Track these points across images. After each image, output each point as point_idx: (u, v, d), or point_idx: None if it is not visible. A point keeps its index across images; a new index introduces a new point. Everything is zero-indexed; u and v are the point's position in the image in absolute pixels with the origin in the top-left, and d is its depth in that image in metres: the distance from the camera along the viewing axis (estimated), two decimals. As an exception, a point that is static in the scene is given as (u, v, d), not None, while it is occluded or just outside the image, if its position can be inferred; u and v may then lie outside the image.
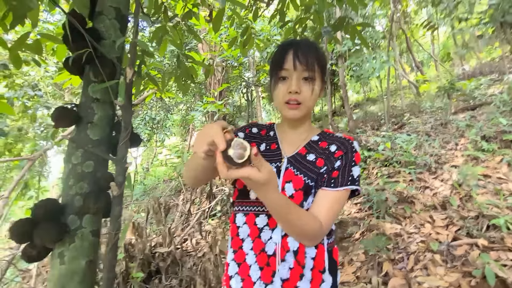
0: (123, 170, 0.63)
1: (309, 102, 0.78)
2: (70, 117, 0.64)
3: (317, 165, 0.79)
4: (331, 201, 0.74)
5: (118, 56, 0.72)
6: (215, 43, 5.41)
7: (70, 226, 0.61)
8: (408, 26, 10.76)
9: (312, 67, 0.76)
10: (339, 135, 0.85)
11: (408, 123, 6.33)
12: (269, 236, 0.77)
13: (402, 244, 2.37)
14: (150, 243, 2.42)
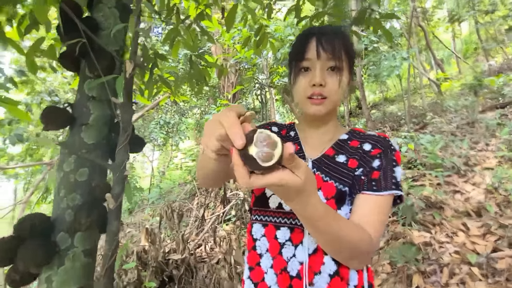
0: (121, 178, 0.53)
1: (336, 96, 0.66)
2: (62, 118, 0.56)
3: (349, 167, 0.67)
4: (376, 207, 0.61)
5: (118, 49, 0.64)
6: (228, 45, 5.37)
7: (59, 245, 0.52)
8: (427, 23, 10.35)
9: (339, 54, 0.64)
10: (372, 133, 0.73)
11: (431, 123, 6.03)
12: (292, 254, 0.65)
13: (433, 254, 2.16)
14: (163, 249, 2.36)
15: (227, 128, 0.39)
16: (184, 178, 7.78)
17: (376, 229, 0.58)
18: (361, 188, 0.63)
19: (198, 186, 5.37)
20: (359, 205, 0.62)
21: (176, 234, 2.38)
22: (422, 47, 11.98)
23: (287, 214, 0.68)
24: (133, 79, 0.56)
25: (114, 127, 0.62)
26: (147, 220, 5.35)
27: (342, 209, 0.64)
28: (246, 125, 0.40)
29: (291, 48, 0.71)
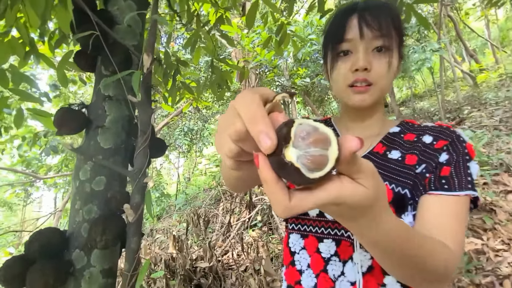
0: (141, 187, 0.47)
1: (384, 82, 0.55)
2: (77, 121, 0.51)
3: (407, 164, 0.54)
4: (452, 212, 0.47)
5: (135, 44, 0.58)
6: (248, 50, 5.37)
7: (75, 264, 0.47)
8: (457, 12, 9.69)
9: (387, 31, 0.53)
10: (429, 124, 0.59)
11: (468, 118, 5.58)
12: (340, 271, 0.53)
13: (488, 264, 1.91)
14: (190, 256, 2.32)
15: (247, 121, 0.24)
16: (209, 184, 7.85)
17: (457, 241, 0.45)
18: (428, 188, 0.50)
19: (222, 191, 5.36)
20: (428, 209, 0.48)
21: (203, 241, 2.34)
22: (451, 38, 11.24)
23: (330, 223, 0.57)
24: (151, 74, 0.49)
25: (132, 129, 0.56)
26: (174, 226, 5.43)
27: (404, 217, 0.52)
28: (277, 115, 0.26)
29: (327, 28, 0.60)
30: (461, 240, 0.46)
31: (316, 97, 8.11)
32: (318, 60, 5.82)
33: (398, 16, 0.57)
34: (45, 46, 1.86)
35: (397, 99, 12.10)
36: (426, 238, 0.42)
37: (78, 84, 3.29)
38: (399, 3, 1.66)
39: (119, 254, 0.53)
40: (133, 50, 0.52)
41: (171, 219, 6.41)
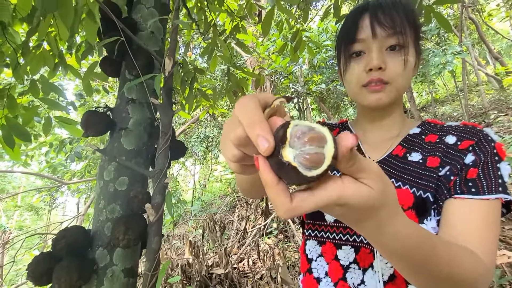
0: (162, 187, 0.48)
1: (400, 81, 0.52)
2: (103, 123, 0.53)
3: (429, 166, 0.51)
4: (481, 218, 0.43)
5: (157, 49, 0.60)
6: (263, 58, 5.43)
7: (98, 262, 0.48)
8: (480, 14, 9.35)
9: (401, 28, 0.51)
10: (453, 123, 0.55)
11: (495, 122, 5.30)
12: (360, 280, 0.50)
13: (523, 279, 1.76)
14: (206, 262, 2.32)
15: (246, 126, 0.25)
16: (224, 191, 7.88)
17: (487, 250, 0.41)
18: (453, 192, 0.46)
19: (238, 198, 5.35)
20: (453, 214, 0.45)
21: (218, 247, 2.33)
22: (474, 41, 10.83)
23: (349, 229, 0.54)
24: (172, 78, 0.51)
25: (154, 131, 0.58)
26: (190, 232, 5.47)
27: (426, 222, 0.48)
28: (276, 119, 0.26)
29: (340, 29, 0.58)
30: (492, 249, 0.42)
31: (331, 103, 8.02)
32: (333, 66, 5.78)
33: (412, 11, 0.54)
34: (72, 58, 1.97)
35: (417, 104, 11.72)
36: (451, 245, 0.38)
37: (102, 93, 3.45)
38: (418, 5, 1.63)
39: (140, 254, 0.54)
40: (155, 55, 0.54)
41: (187, 225, 6.47)
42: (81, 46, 1.95)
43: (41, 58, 1.46)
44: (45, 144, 3.25)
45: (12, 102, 1.48)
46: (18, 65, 1.47)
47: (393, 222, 0.30)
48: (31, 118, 1.84)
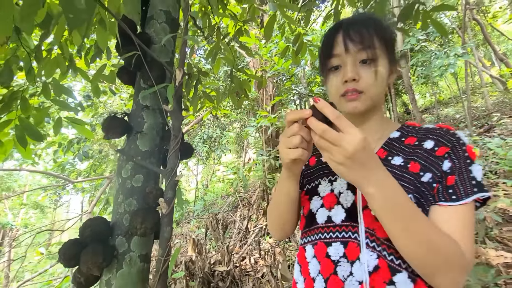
0: (173, 184, 0.54)
1: (373, 90, 0.58)
2: (121, 127, 0.60)
3: (411, 171, 0.56)
4: (460, 220, 0.50)
5: (168, 60, 0.67)
6: (266, 60, 5.48)
7: (118, 249, 0.54)
8: (484, 15, 9.30)
9: (370, 43, 0.56)
10: (430, 126, 0.61)
11: (498, 125, 5.29)
12: (349, 272, 0.55)
13: (519, 279, 1.80)
14: (209, 260, 2.38)
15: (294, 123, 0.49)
16: (226, 191, 7.94)
17: (467, 245, 0.48)
18: (437, 199, 0.53)
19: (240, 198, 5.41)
20: (438, 219, 0.52)
21: (221, 246, 2.39)
22: (479, 42, 10.76)
23: (338, 227, 0.59)
24: (182, 86, 0.57)
25: (165, 135, 0.65)
26: (193, 231, 5.54)
27: None
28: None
29: (320, 47, 0.65)
30: (471, 244, 0.49)
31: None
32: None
33: (382, 27, 0.60)
34: (81, 61, 2.05)
35: (420, 105, 11.70)
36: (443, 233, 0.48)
37: (109, 95, 3.53)
38: (416, 11, 1.67)
39: (153, 244, 0.61)
40: (166, 66, 0.61)
41: (189, 225, 6.54)
42: (90, 50, 2.01)
43: (55, 62, 1.53)
44: (53, 143, 3.34)
45: (25, 103, 1.55)
46: (31, 68, 1.55)
47: (381, 167, 0.45)
48: (43, 118, 1.91)
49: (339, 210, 0.61)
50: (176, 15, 0.70)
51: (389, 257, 0.53)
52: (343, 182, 0.63)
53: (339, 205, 0.61)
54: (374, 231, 0.55)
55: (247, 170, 5.60)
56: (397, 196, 0.46)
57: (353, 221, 0.58)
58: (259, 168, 5.94)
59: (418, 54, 5.89)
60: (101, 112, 3.79)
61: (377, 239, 0.54)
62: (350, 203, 0.60)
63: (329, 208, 0.63)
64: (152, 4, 0.70)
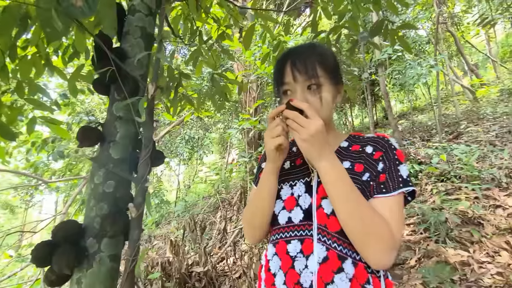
0: (143, 190, 0.59)
1: (321, 113, 0.67)
2: (94, 136, 0.64)
3: (356, 171, 0.67)
4: (391, 209, 0.62)
5: (142, 73, 0.72)
6: (249, 62, 5.55)
7: (89, 249, 0.58)
8: (457, 28, 9.89)
9: (313, 72, 0.66)
10: (371, 135, 0.74)
11: (465, 132, 5.66)
12: (304, 265, 0.64)
13: (471, 275, 1.98)
14: (186, 261, 2.41)
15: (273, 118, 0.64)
16: (208, 192, 7.92)
17: (396, 226, 0.59)
18: (373, 193, 0.64)
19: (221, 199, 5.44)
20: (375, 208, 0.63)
21: (199, 247, 2.43)
22: (453, 53, 11.42)
23: (296, 226, 0.68)
24: (154, 100, 0.62)
25: (138, 143, 0.69)
26: (173, 232, 5.50)
27: None
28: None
29: (273, 73, 0.74)
30: (399, 226, 0.61)
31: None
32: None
33: (326, 54, 0.71)
34: (58, 59, 2.00)
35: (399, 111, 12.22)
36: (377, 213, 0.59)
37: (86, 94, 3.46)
38: (384, 29, 1.80)
39: (123, 245, 0.65)
40: (140, 79, 0.65)
41: (170, 226, 6.47)
42: (68, 50, 1.98)
43: (31, 62, 1.51)
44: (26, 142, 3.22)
45: (-3, 101, 1.51)
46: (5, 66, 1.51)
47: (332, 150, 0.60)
48: (16, 117, 1.86)
49: (298, 211, 0.70)
50: (151, 30, 0.75)
51: (338, 247, 0.62)
52: (301, 187, 0.72)
53: (298, 207, 0.70)
54: (326, 226, 0.64)
55: (229, 171, 5.64)
56: (342, 173, 0.59)
57: (309, 220, 0.67)
58: (242, 170, 5.99)
59: (396, 62, 6.19)
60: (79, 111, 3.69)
61: (327, 234, 0.64)
62: (307, 205, 0.69)
63: (289, 210, 0.71)
64: (128, 20, 0.74)
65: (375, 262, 0.59)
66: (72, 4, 0.56)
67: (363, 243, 0.58)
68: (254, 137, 6.35)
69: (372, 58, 5.94)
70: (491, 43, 12.18)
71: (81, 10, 0.59)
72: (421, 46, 7.47)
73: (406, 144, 5.55)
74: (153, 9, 0.75)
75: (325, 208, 0.65)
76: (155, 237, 5.92)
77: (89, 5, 0.60)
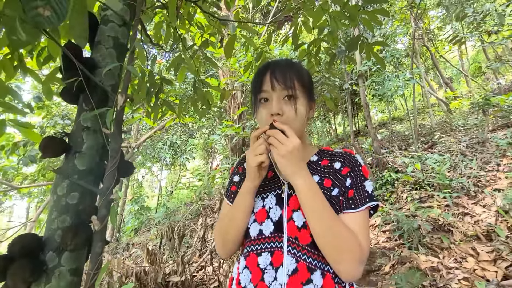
0: (107, 202, 0.58)
1: (295, 123, 0.70)
2: (59, 147, 0.63)
3: (325, 186, 0.70)
4: (359, 224, 0.66)
5: (113, 83, 0.71)
6: (234, 69, 5.59)
7: (48, 264, 0.57)
8: (433, 43, 10.47)
9: (291, 84, 0.70)
10: (339, 151, 0.78)
11: (439, 142, 5.94)
12: (273, 277, 0.65)
13: (440, 281, 2.07)
14: (163, 270, 2.35)
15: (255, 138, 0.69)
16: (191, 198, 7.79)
17: (364, 240, 0.63)
18: (343, 209, 0.67)
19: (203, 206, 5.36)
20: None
21: (177, 255, 2.38)
22: (429, 67, 12.05)
23: (267, 238, 0.69)
24: (124, 111, 0.62)
25: (106, 154, 0.68)
26: (152, 240, 5.34)
27: None
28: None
29: (251, 82, 0.77)
30: (366, 238, 0.65)
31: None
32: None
33: (303, 72, 0.75)
34: (32, 60, 1.93)
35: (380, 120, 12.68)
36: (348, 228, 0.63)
37: (63, 96, 3.34)
38: (360, 44, 1.89)
39: (86, 258, 0.63)
40: (110, 90, 0.65)
41: (149, 233, 6.28)
42: (44, 51, 1.92)
43: (1, 64, 1.45)
44: (-5, 145, 3.05)
45: (-37, 104, 1.44)
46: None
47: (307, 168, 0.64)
48: (-17, 120, 1.77)
49: (268, 223, 0.71)
50: (124, 41, 0.75)
51: (308, 259, 0.64)
52: (273, 199, 0.74)
53: (269, 219, 0.72)
54: (297, 239, 0.66)
55: (212, 178, 5.59)
56: (317, 190, 0.63)
57: (280, 232, 0.69)
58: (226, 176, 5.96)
59: (376, 73, 6.45)
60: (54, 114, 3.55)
61: (297, 246, 0.66)
62: (278, 216, 0.70)
63: (260, 222, 0.73)
64: (100, 30, 0.74)
65: (347, 274, 0.62)
66: (38, 13, 0.55)
67: (336, 258, 0.61)
68: (238, 143, 6.35)
69: (354, 69, 6.15)
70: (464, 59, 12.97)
71: (48, 20, 0.58)
72: (399, 60, 7.85)
73: (385, 152, 5.75)
74: (127, 20, 0.76)
75: (296, 220, 0.67)
76: (134, 245, 5.73)
77: (58, 15, 0.59)
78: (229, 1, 2.45)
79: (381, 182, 4.12)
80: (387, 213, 3.27)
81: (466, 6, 6.10)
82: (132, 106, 1.44)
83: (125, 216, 7.16)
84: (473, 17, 6.29)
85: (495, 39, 7.62)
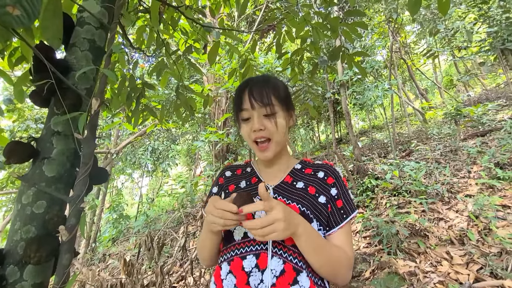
0: (77, 211, 0.55)
1: (278, 137, 0.75)
2: (25, 152, 0.59)
3: (309, 192, 0.74)
4: (346, 235, 0.72)
5: (88, 87, 0.69)
6: (219, 75, 5.59)
7: (8, 278, 0.52)
8: (409, 56, 11.05)
9: (268, 102, 0.73)
10: (319, 162, 0.83)
11: (416, 150, 6.19)
12: (260, 280, 0.64)
13: (417, 285, 2.13)
14: (141, 282, 2.25)
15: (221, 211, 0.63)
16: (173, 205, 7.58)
17: (350, 248, 0.71)
18: (335, 223, 0.72)
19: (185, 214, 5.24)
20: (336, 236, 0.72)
21: (156, 266, 2.29)
22: (406, 78, 12.67)
23: (252, 241, 0.69)
24: (98, 115, 0.60)
25: (78, 160, 0.65)
26: (130, 250, 5.12)
27: (312, 225, 0.70)
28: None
29: (234, 98, 0.81)
30: (351, 247, 0.72)
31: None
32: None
33: (279, 85, 0.79)
34: (3, 61, 1.84)
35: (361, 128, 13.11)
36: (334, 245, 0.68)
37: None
38: (342, 54, 1.96)
39: (53, 272, 0.59)
40: (84, 94, 0.62)
41: (128, 243, 6.03)
42: (16, 51, 1.83)
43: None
44: (-42, 150, 2.83)
45: None
46: None
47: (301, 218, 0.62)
48: None
49: None
50: (102, 44, 0.73)
51: (294, 260, 0.65)
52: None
53: None
54: (283, 240, 0.67)
55: (195, 184, 5.49)
56: (313, 233, 0.64)
57: None
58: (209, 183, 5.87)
59: (357, 83, 6.68)
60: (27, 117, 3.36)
61: (283, 247, 0.67)
62: None
63: None
64: (76, 32, 0.71)
65: (342, 282, 0.69)
66: (7, 12, 0.53)
67: (332, 275, 0.67)
68: (222, 150, 6.30)
69: (336, 78, 6.35)
70: (437, 72, 13.76)
71: (18, 19, 0.55)
72: (378, 71, 8.20)
73: (366, 160, 5.92)
74: (104, 23, 0.73)
75: None
76: (111, 256, 5.47)
77: (28, 14, 0.57)
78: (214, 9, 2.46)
79: (362, 189, 4.23)
80: (367, 219, 3.35)
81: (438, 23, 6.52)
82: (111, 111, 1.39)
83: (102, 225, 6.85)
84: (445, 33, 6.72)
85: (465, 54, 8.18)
